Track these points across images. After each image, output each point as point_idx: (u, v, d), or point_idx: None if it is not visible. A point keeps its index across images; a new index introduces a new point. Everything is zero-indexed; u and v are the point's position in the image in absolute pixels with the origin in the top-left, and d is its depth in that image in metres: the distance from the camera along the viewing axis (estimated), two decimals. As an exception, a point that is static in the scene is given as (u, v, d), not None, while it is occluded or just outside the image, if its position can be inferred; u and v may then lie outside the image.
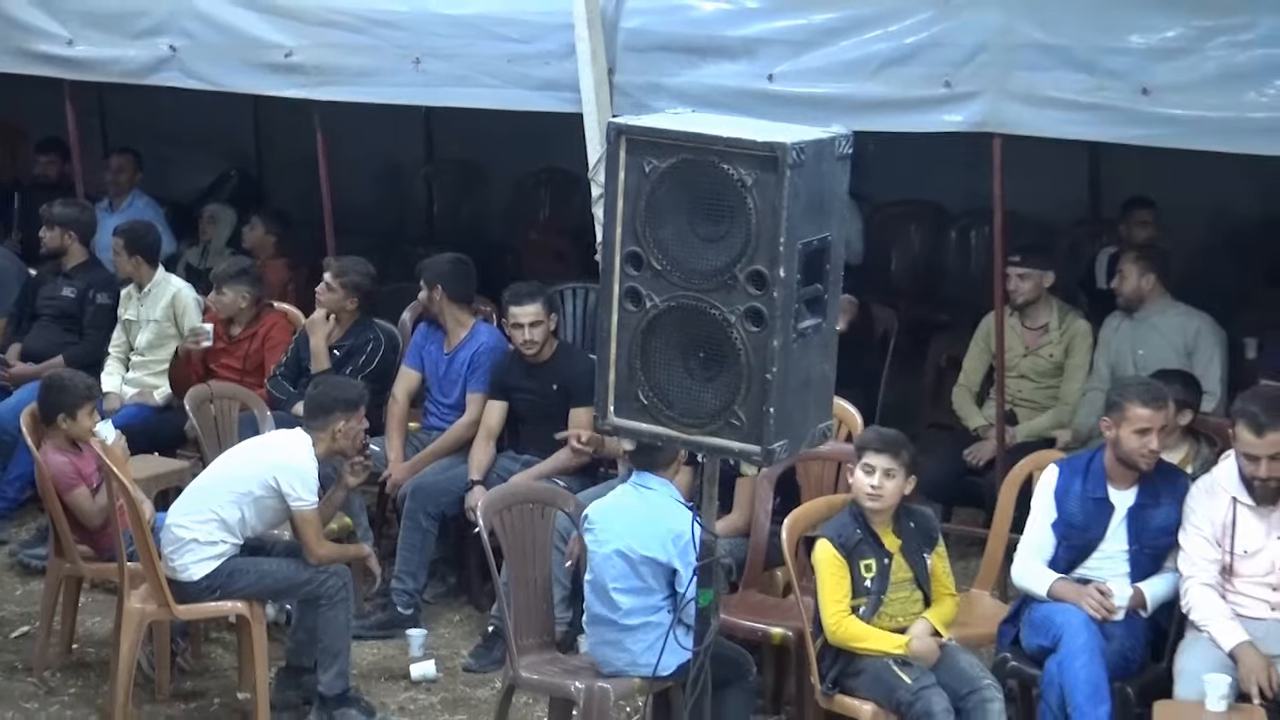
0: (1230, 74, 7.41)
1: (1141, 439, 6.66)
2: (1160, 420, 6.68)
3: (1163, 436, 6.74)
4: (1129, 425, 6.67)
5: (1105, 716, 6.31)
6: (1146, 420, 6.65)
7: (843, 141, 5.34)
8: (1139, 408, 6.67)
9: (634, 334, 5.32)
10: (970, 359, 9.02)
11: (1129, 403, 6.69)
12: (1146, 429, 6.65)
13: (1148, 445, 6.67)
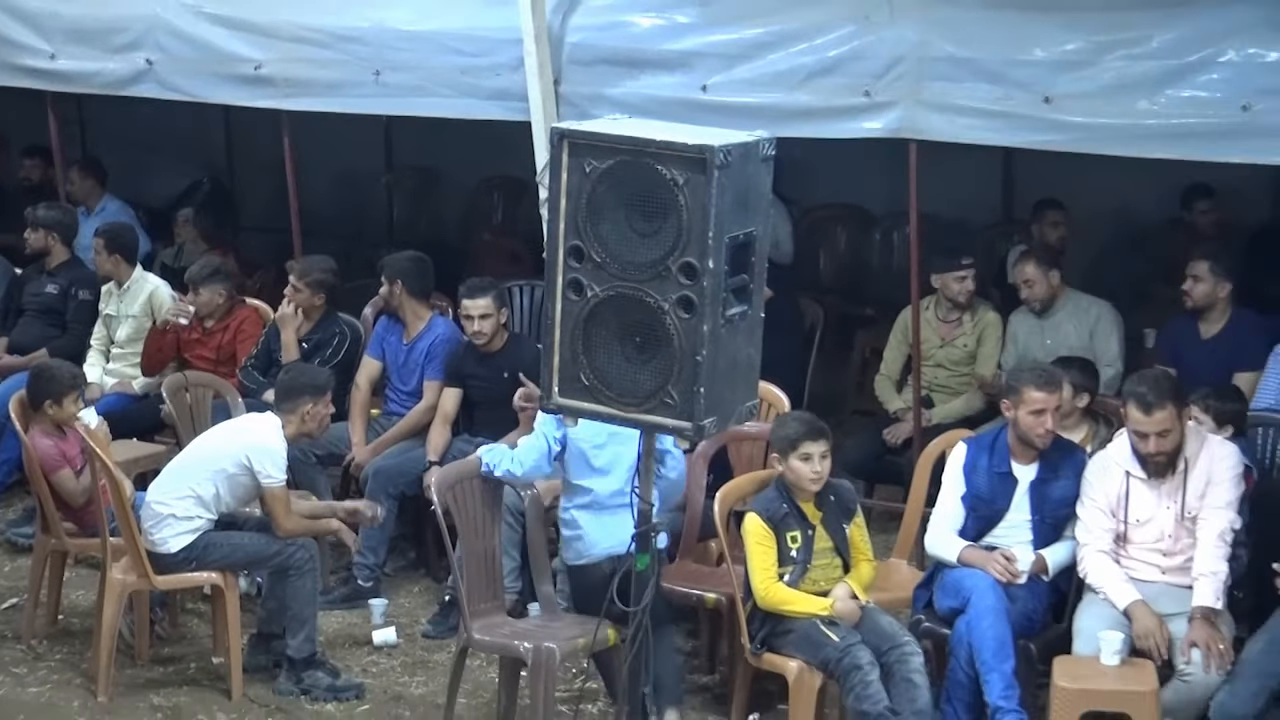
0: (1126, 84, 7.56)
1: (1037, 419, 6.86)
2: (1054, 402, 6.88)
3: (1057, 417, 6.93)
4: (1025, 407, 6.87)
5: (1009, 671, 6.49)
6: (1041, 402, 6.85)
7: (766, 144, 5.51)
8: (1034, 391, 6.86)
9: (576, 321, 5.47)
10: (890, 349, 9.20)
11: (1025, 386, 6.89)
12: (1041, 410, 6.85)
13: (1043, 425, 6.86)
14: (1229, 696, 6.38)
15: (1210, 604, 6.48)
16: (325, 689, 7.24)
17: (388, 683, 7.48)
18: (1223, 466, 6.75)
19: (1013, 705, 6.44)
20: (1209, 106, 7.40)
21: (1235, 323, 8.53)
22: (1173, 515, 6.73)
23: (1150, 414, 6.63)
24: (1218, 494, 6.69)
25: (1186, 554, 6.70)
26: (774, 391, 7.98)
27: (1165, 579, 6.73)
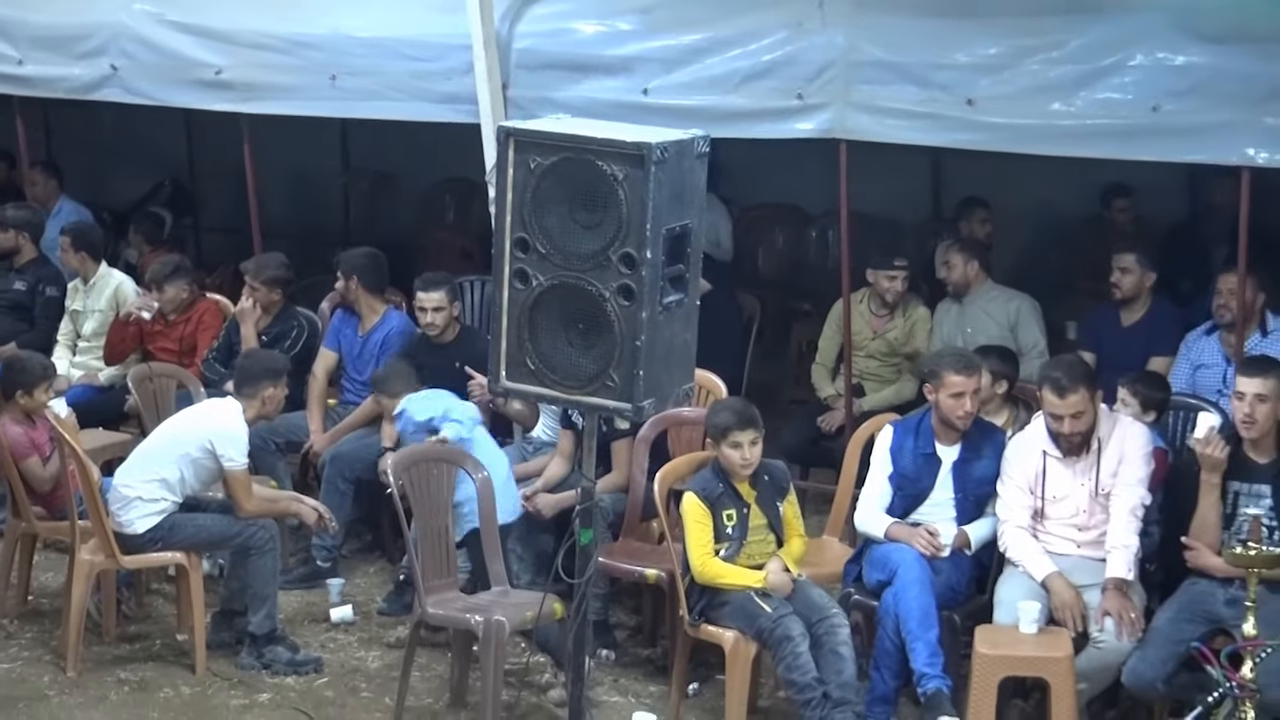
0: (1043, 87, 7.72)
1: (956, 401, 7.03)
2: (971, 385, 7.03)
3: (976, 400, 7.08)
4: (945, 390, 7.04)
5: (934, 639, 6.65)
6: (960, 385, 7.01)
7: (701, 142, 5.68)
8: (953, 375, 7.04)
9: (522, 309, 5.63)
10: (824, 340, 9.36)
11: (944, 371, 7.07)
12: (960, 393, 7.01)
13: (962, 407, 7.03)
14: (1140, 662, 6.57)
15: (1122, 575, 6.67)
16: (285, 663, 7.35)
17: (345, 657, 7.59)
18: (1134, 446, 6.94)
19: (936, 672, 6.60)
20: (1120, 108, 7.58)
21: (1154, 311, 8.75)
22: (1087, 492, 6.91)
23: (1064, 397, 6.81)
24: (1129, 471, 6.87)
25: (1100, 529, 6.88)
26: (711, 378, 8.14)
27: (1080, 552, 6.91)
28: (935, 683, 6.58)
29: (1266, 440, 6.79)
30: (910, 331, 9.04)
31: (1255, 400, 6.71)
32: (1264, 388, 6.71)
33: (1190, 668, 6.49)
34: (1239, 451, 6.82)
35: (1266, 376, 6.75)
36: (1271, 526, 6.66)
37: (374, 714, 7.04)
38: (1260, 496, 6.74)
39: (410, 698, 7.05)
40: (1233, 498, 6.79)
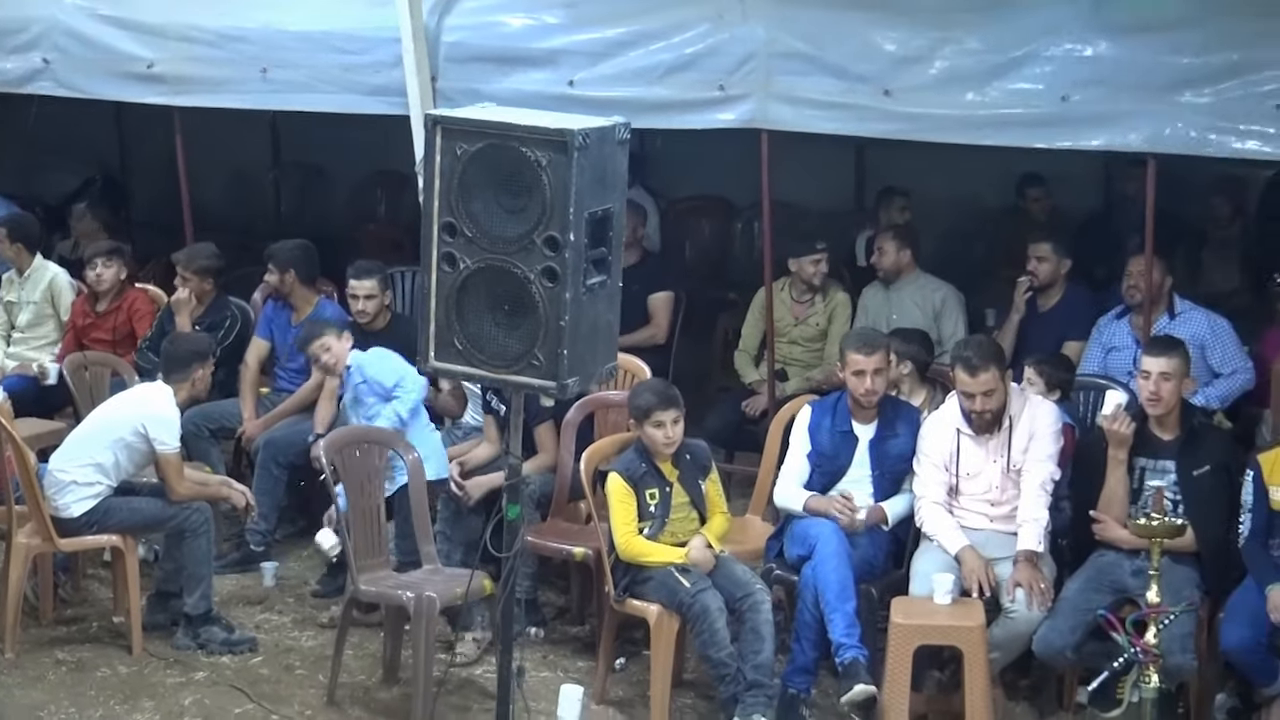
0: (957, 78, 7.95)
1: (858, 379, 7.27)
2: (871, 364, 7.26)
3: (878, 379, 7.29)
4: (849, 369, 7.29)
5: (851, 611, 6.88)
6: (861, 364, 7.25)
7: (622, 129, 5.87)
8: (854, 354, 7.28)
9: (450, 291, 5.82)
10: (748, 327, 9.55)
11: (848, 350, 7.32)
12: (861, 371, 7.25)
13: (863, 384, 7.26)
14: (1049, 630, 6.83)
15: (1033, 548, 6.93)
16: (220, 643, 7.52)
17: (279, 637, 7.77)
18: (1043, 423, 7.20)
19: (854, 642, 6.82)
20: (1031, 97, 7.81)
21: (1069, 297, 9.03)
22: (999, 469, 7.17)
23: (975, 375, 7.06)
24: (1039, 447, 7.13)
25: (1012, 504, 7.14)
26: (635, 361, 8.37)
27: (993, 527, 7.17)
28: (852, 652, 6.80)
29: (1171, 417, 7.07)
30: (830, 317, 9.25)
31: (1160, 378, 6.98)
32: (1168, 366, 6.99)
33: (1098, 636, 6.74)
34: (1145, 429, 7.10)
35: (1170, 355, 7.03)
36: (1175, 500, 6.94)
37: (308, 691, 7.21)
38: (1165, 472, 7.02)
39: (344, 675, 7.24)
40: (1139, 473, 7.07)
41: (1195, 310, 8.56)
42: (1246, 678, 6.91)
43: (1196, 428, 7.11)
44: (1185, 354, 7.14)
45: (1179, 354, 7.06)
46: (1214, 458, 7.02)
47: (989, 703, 6.71)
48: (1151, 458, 7.07)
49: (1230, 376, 8.38)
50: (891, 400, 7.45)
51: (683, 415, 7.08)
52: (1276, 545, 6.86)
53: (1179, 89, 7.55)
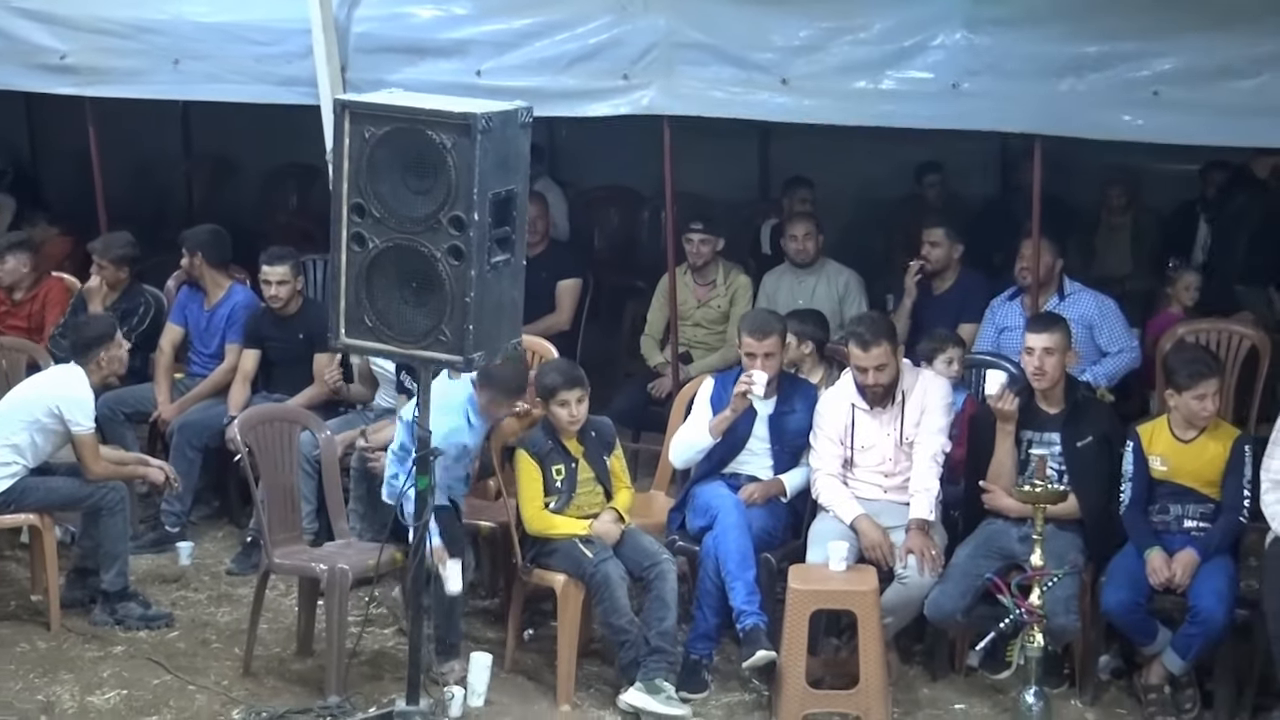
0: (851, 66, 8.21)
1: (750, 361, 7.57)
2: (764, 349, 7.53)
3: (770, 362, 7.55)
4: (741, 349, 7.61)
5: (751, 579, 7.18)
6: (753, 347, 7.54)
7: (524, 113, 6.17)
8: (747, 338, 7.59)
9: (359, 270, 6.10)
10: (653, 311, 9.80)
11: (743, 334, 7.63)
12: (753, 354, 7.55)
13: (754, 367, 7.54)
14: (940, 595, 7.16)
15: (924, 516, 7.26)
16: (138, 619, 7.72)
17: (196, 613, 7.98)
18: (935, 397, 7.53)
19: (754, 609, 7.12)
20: (923, 85, 8.07)
21: (962, 281, 9.37)
22: (892, 442, 7.49)
23: (868, 350, 7.38)
24: (930, 420, 7.46)
25: (905, 475, 7.46)
26: (542, 343, 8.67)
27: (887, 497, 7.48)
28: (752, 619, 7.10)
29: (1056, 391, 7.42)
30: (732, 299, 9.55)
31: (1043, 353, 7.33)
32: (1050, 341, 7.34)
33: (987, 600, 7.08)
34: (1032, 403, 7.44)
35: (1052, 331, 7.38)
36: (1060, 470, 7.28)
37: (224, 663, 7.43)
38: (1051, 443, 7.36)
39: (259, 647, 7.46)
40: (1026, 445, 7.41)
41: (1084, 291, 8.92)
42: (1127, 638, 7.26)
43: (1080, 401, 7.46)
44: (1066, 329, 7.48)
45: (1060, 329, 7.41)
46: (1096, 429, 7.37)
47: (883, 665, 7.02)
48: (1038, 430, 7.41)
49: (1117, 355, 8.76)
50: (789, 377, 7.77)
51: (587, 394, 7.34)
52: (1155, 511, 7.21)
53: (1062, 76, 7.85)
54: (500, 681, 7.26)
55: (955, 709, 7.22)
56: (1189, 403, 7.12)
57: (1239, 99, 7.56)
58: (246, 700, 7.03)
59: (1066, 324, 7.57)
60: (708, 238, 9.59)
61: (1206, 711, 7.07)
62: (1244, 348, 8.88)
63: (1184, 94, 7.66)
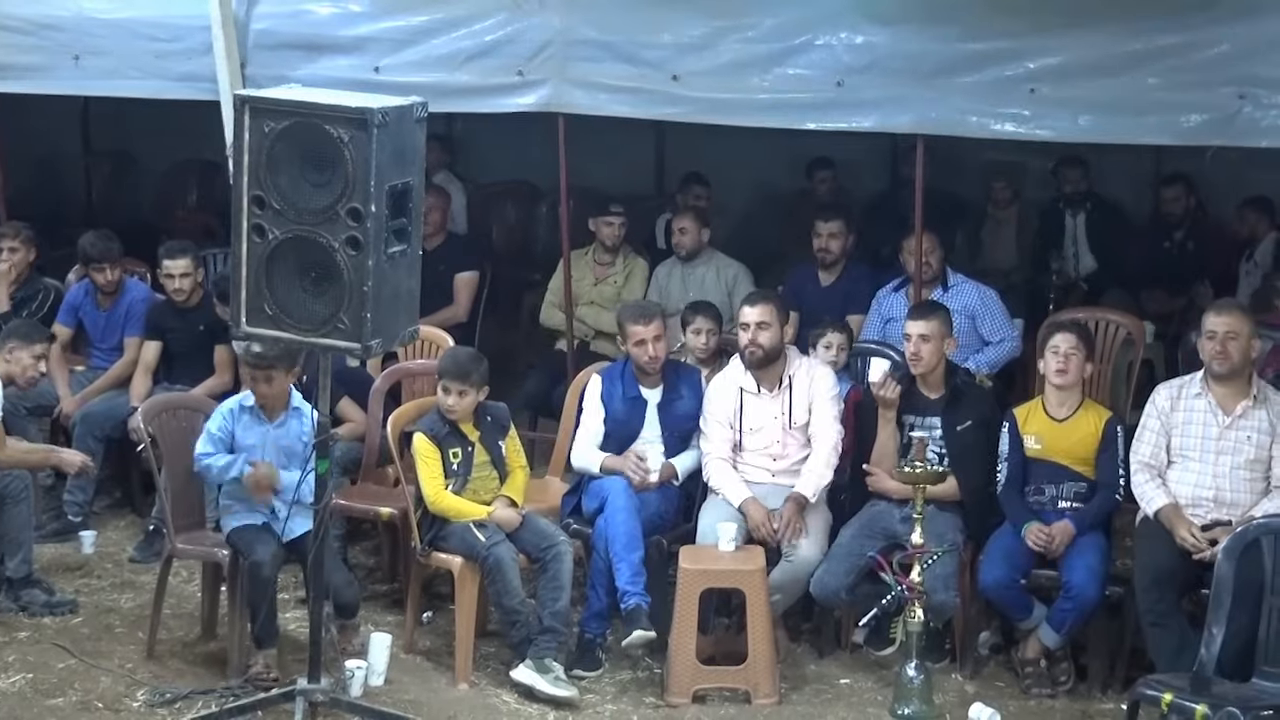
0: (740, 64, 8.50)
1: (640, 349, 7.88)
2: (651, 332, 7.86)
3: (658, 345, 7.89)
4: (630, 340, 7.91)
5: (637, 560, 7.45)
6: (640, 334, 7.86)
7: (419, 108, 6.38)
8: (633, 325, 7.90)
9: (260, 260, 6.29)
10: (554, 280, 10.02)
11: (627, 323, 7.94)
12: (642, 340, 7.86)
13: (646, 353, 7.86)
14: (825, 574, 7.47)
15: (804, 493, 7.60)
16: (41, 605, 7.87)
17: (100, 600, 8.14)
18: (823, 387, 7.86)
19: (638, 589, 7.41)
20: (809, 83, 8.40)
21: (850, 273, 9.68)
22: (780, 425, 7.81)
23: (753, 305, 7.78)
24: (824, 410, 7.79)
25: (793, 458, 7.79)
26: (438, 332, 8.94)
27: (774, 480, 7.80)
28: (635, 599, 7.39)
29: (935, 377, 7.75)
30: (628, 278, 9.87)
31: (920, 340, 7.67)
32: (926, 329, 7.68)
33: (871, 579, 7.40)
34: (914, 388, 7.77)
35: (929, 319, 7.71)
36: (940, 453, 7.61)
37: (129, 647, 7.59)
38: (932, 428, 7.70)
39: (163, 632, 7.64)
40: (908, 429, 7.74)
41: (967, 283, 9.26)
42: (1004, 614, 7.60)
43: (959, 386, 7.79)
44: (945, 318, 7.81)
45: (938, 317, 7.75)
46: (975, 414, 7.70)
47: (771, 641, 7.32)
48: (919, 414, 7.74)
49: (999, 344, 9.11)
50: (673, 364, 8.08)
51: (474, 390, 7.53)
52: (1031, 493, 7.55)
53: (944, 75, 8.18)
54: (400, 662, 7.49)
55: (841, 684, 7.52)
56: (1047, 359, 7.54)
57: (1112, 96, 7.91)
58: (151, 682, 7.20)
59: (946, 312, 7.90)
60: (624, 220, 9.94)
61: (1080, 684, 7.43)
62: (1119, 335, 9.25)
63: (1059, 92, 8.00)
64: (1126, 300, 10.34)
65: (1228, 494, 7.20)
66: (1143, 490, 7.32)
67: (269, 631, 7.26)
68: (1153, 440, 7.38)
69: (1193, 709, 6.15)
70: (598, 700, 7.31)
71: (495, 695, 7.32)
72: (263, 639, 7.24)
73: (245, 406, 7.39)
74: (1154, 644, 7.04)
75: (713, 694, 7.31)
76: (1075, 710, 7.26)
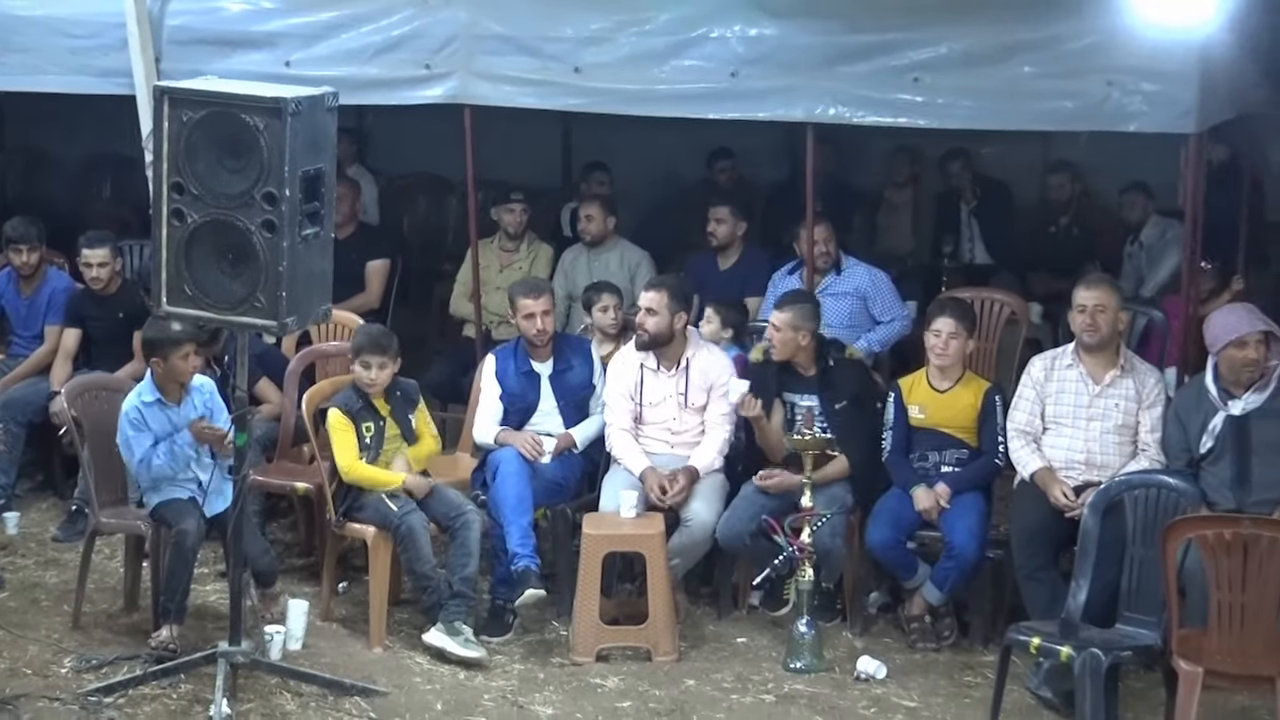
0: (639, 56, 8.92)
1: (529, 322, 8.37)
2: (541, 307, 8.37)
3: (547, 319, 8.40)
4: (520, 314, 8.41)
5: (526, 524, 7.92)
6: (530, 308, 8.37)
7: (330, 97, 6.81)
8: (524, 299, 8.43)
9: (179, 243, 6.70)
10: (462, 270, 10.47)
11: (518, 298, 8.43)
12: (532, 314, 8.36)
13: (534, 326, 8.36)
14: (729, 519, 7.98)
15: (698, 464, 8.12)
16: (-33, 582, 8.29)
17: (24, 576, 8.51)
18: (717, 369, 8.35)
19: (527, 552, 7.88)
20: (705, 74, 8.83)
21: (746, 257, 10.19)
22: (676, 402, 8.30)
23: (646, 291, 8.30)
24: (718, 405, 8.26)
25: (689, 432, 8.30)
26: (349, 315, 9.41)
27: (673, 451, 8.29)
28: (525, 561, 7.86)
29: (805, 357, 8.26)
30: (533, 264, 10.32)
31: (773, 328, 8.21)
32: (778, 319, 8.21)
33: (767, 538, 7.88)
34: (790, 367, 8.26)
35: (783, 310, 8.25)
36: (823, 425, 8.10)
37: (54, 619, 7.97)
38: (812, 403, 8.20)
39: (87, 605, 8.02)
40: (790, 407, 8.25)
41: (859, 265, 9.79)
42: (891, 573, 8.12)
43: (831, 363, 8.29)
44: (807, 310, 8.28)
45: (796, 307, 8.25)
46: (849, 390, 8.20)
47: (670, 601, 7.80)
48: (798, 392, 8.26)
49: (889, 324, 9.65)
50: (562, 336, 8.62)
51: (390, 363, 7.98)
52: (916, 459, 8.07)
53: (833, 65, 8.64)
54: (317, 629, 7.92)
55: (738, 642, 8.01)
56: (928, 338, 8.05)
57: (990, 85, 8.39)
58: (77, 650, 7.57)
59: (811, 305, 8.39)
60: (526, 208, 10.41)
61: (963, 638, 7.97)
62: (1004, 313, 9.80)
63: (941, 81, 8.47)
64: (1014, 282, 10.89)
65: (1098, 457, 7.75)
66: (1019, 455, 7.86)
67: (181, 607, 7.59)
68: (1028, 409, 7.91)
69: (1058, 650, 6.68)
70: (506, 661, 7.75)
71: (409, 658, 7.74)
72: (172, 612, 7.55)
73: (146, 402, 7.69)
74: (1028, 597, 7.58)
75: (615, 652, 7.78)
76: (958, 662, 7.79)
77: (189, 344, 7.64)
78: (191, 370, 7.71)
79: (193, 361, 7.70)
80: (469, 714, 7.19)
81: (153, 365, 7.67)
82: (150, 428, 7.64)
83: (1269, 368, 7.45)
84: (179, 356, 7.62)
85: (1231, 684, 6.63)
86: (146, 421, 7.64)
